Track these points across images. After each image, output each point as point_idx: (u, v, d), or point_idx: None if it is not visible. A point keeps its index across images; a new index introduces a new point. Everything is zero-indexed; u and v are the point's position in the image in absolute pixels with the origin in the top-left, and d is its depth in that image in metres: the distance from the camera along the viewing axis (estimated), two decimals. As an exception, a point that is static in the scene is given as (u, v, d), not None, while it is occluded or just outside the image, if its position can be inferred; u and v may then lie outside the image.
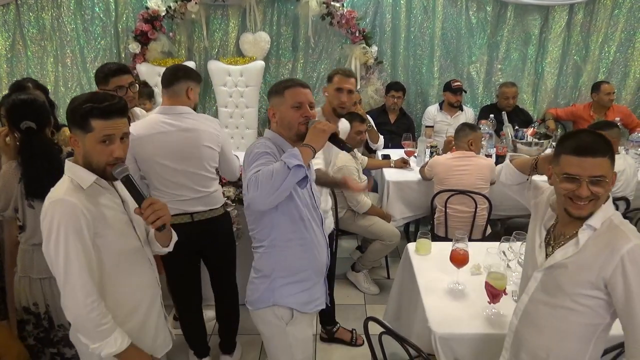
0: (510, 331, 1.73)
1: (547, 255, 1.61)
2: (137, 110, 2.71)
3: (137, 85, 2.54)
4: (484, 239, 3.24)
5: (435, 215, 3.32)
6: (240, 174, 2.67)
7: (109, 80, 2.38)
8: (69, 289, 1.50)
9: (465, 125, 3.38)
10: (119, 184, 1.62)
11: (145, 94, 3.93)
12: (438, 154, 3.71)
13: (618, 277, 1.43)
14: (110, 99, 1.53)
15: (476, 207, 3.14)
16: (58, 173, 1.61)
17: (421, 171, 3.52)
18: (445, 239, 3.20)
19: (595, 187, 1.46)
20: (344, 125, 2.93)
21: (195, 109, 2.46)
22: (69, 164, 1.58)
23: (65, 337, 2.13)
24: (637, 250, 1.42)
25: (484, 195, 3.16)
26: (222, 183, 2.97)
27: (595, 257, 1.47)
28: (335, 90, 2.59)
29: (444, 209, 3.22)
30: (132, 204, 1.60)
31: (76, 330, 1.57)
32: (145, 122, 2.36)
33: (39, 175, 1.94)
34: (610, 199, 1.55)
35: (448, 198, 3.16)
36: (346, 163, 3.24)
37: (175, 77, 2.35)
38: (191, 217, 2.45)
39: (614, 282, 1.44)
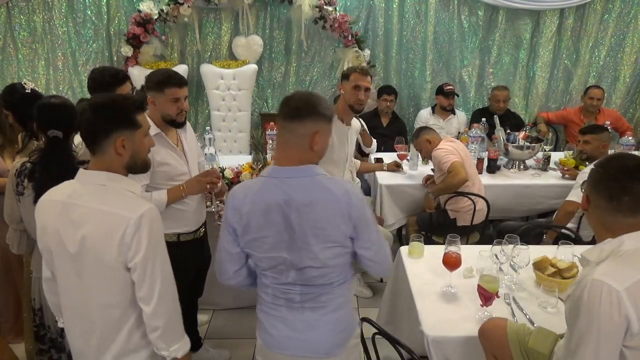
0: None
1: None
2: None
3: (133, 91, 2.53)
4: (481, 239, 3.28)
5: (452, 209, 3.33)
6: None
7: (115, 90, 2.32)
8: (165, 293, 1.50)
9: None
10: None
11: None
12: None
13: (573, 306, 1.42)
14: None
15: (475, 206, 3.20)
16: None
17: (453, 181, 3.13)
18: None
19: None
20: (355, 124, 2.98)
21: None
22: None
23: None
24: (591, 284, 1.34)
25: (483, 198, 3.23)
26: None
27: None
28: (353, 88, 2.66)
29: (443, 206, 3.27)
30: None
31: (163, 336, 1.51)
32: None
33: (54, 184, 1.85)
34: (626, 238, 1.39)
35: (450, 198, 3.20)
36: None
37: None
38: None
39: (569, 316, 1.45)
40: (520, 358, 1.80)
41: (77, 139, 2.27)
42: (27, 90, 2.49)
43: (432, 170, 3.56)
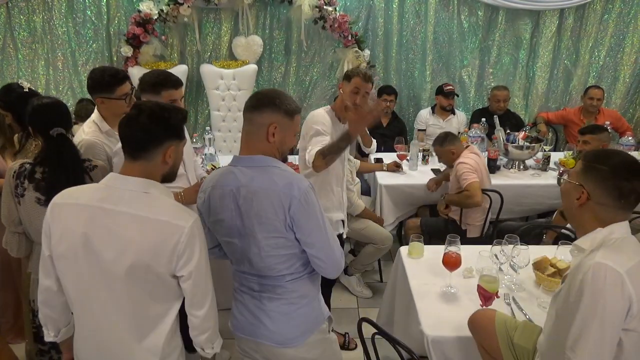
0: None
1: None
2: None
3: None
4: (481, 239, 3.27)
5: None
6: None
7: (115, 90, 2.31)
8: (212, 297, 1.55)
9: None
10: None
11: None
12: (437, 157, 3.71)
13: (575, 293, 1.41)
14: None
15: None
16: (81, 179, 1.57)
17: (475, 201, 3.14)
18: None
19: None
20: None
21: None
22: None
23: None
24: (594, 267, 1.37)
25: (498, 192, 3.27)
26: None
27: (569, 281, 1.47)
28: (352, 91, 2.65)
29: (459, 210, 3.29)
30: None
31: (211, 335, 1.57)
32: None
33: (67, 183, 1.74)
34: (615, 227, 1.47)
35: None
36: None
37: None
38: None
39: (571, 301, 1.42)
40: (507, 351, 1.82)
41: (76, 138, 2.26)
42: (25, 90, 2.48)
43: (432, 170, 3.57)
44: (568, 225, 3.10)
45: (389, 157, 3.94)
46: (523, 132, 3.95)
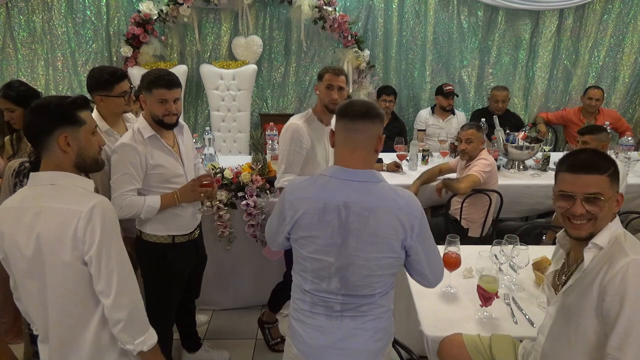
0: None
1: (563, 285, 1.58)
2: (128, 115, 2.68)
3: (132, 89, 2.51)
4: (481, 240, 3.27)
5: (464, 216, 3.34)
6: None
7: (114, 87, 2.31)
8: (124, 285, 1.50)
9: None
10: None
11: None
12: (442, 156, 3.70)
13: (614, 291, 1.38)
14: None
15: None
16: None
17: (460, 186, 3.17)
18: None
19: (590, 206, 1.44)
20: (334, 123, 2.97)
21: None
22: None
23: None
24: (634, 264, 1.37)
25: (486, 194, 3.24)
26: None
27: (596, 275, 1.44)
28: (326, 88, 2.64)
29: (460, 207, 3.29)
30: None
31: (126, 328, 1.51)
32: None
33: None
34: (618, 218, 1.51)
35: (466, 197, 3.22)
36: None
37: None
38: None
39: (610, 300, 1.39)
40: None
41: None
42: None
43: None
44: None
45: (388, 157, 3.93)
46: (523, 133, 3.94)
